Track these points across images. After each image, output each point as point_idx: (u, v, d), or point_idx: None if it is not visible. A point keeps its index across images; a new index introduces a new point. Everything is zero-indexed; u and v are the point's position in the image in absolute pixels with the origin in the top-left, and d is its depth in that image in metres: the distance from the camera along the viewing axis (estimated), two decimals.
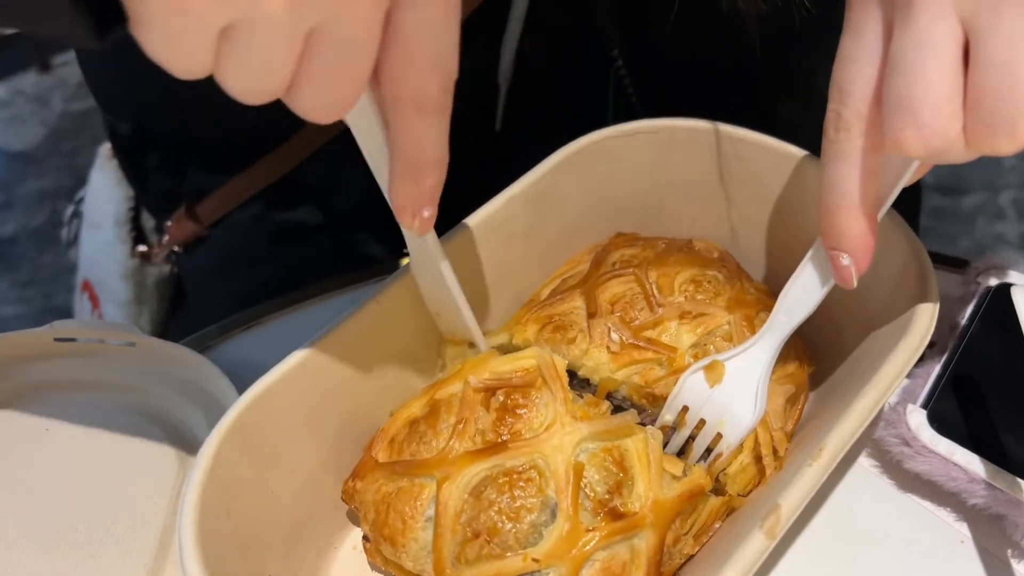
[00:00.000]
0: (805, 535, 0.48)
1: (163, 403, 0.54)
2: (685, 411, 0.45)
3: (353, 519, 0.48)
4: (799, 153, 0.51)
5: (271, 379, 0.42)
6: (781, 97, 0.72)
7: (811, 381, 0.51)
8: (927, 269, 0.46)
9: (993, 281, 0.53)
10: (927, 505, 0.49)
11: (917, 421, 0.48)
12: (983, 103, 0.33)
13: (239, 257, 0.77)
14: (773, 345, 0.45)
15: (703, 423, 0.45)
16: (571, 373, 0.48)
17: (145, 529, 0.47)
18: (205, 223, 0.76)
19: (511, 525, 0.40)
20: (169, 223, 0.77)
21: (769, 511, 0.38)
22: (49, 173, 2.20)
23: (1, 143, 2.33)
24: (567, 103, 0.75)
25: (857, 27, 0.38)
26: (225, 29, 0.29)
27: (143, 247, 0.80)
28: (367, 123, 0.37)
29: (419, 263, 0.46)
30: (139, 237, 0.81)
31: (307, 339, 0.44)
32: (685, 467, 0.43)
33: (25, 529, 0.47)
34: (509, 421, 0.42)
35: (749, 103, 0.70)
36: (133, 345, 0.55)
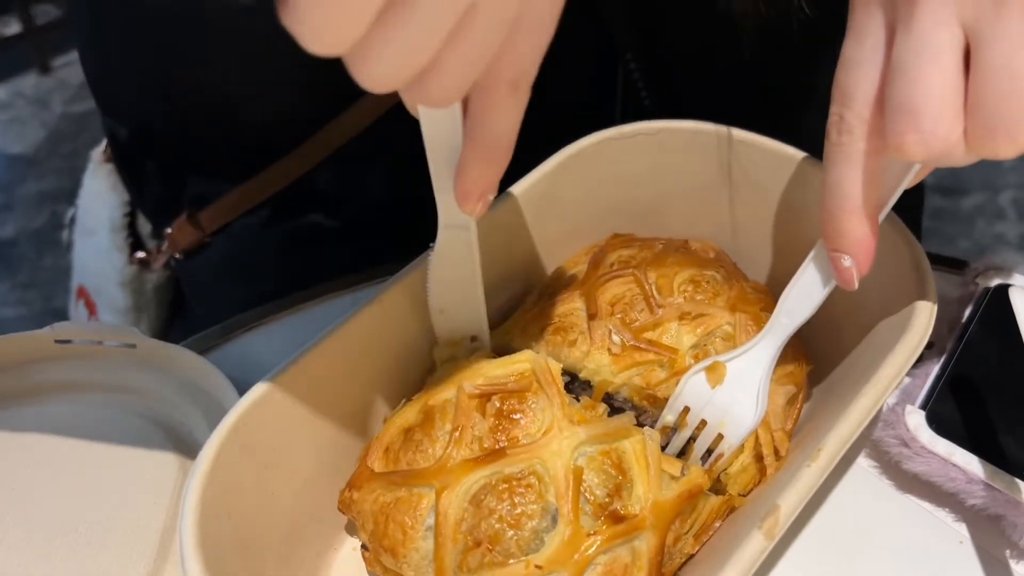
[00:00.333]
0: (804, 535, 0.48)
1: (163, 405, 0.54)
2: (686, 412, 0.45)
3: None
4: (798, 155, 0.51)
5: (272, 381, 0.42)
6: (793, 100, 0.72)
7: (809, 381, 0.51)
8: (925, 270, 0.46)
9: (992, 282, 0.53)
10: (926, 506, 0.49)
11: (916, 422, 0.48)
12: (984, 108, 0.34)
13: (243, 265, 0.77)
14: (774, 346, 0.45)
15: (704, 424, 0.45)
16: (572, 375, 0.48)
17: (145, 530, 0.47)
18: (208, 230, 0.74)
19: (512, 532, 0.39)
20: (169, 230, 0.76)
21: (768, 512, 0.38)
22: (49, 175, 2.20)
23: (1, 145, 2.33)
24: (578, 106, 0.75)
25: (859, 31, 0.38)
26: (386, 4, 0.28)
27: (141, 253, 0.79)
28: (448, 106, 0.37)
29: (448, 252, 0.45)
30: (136, 243, 0.80)
31: (308, 341, 0.44)
32: (683, 467, 0.43)
33: (25, 531, 0.47)
34: (506, 427, 0.42)
35: (761, 105, 0.70)
36: (133, 347, 0.55)
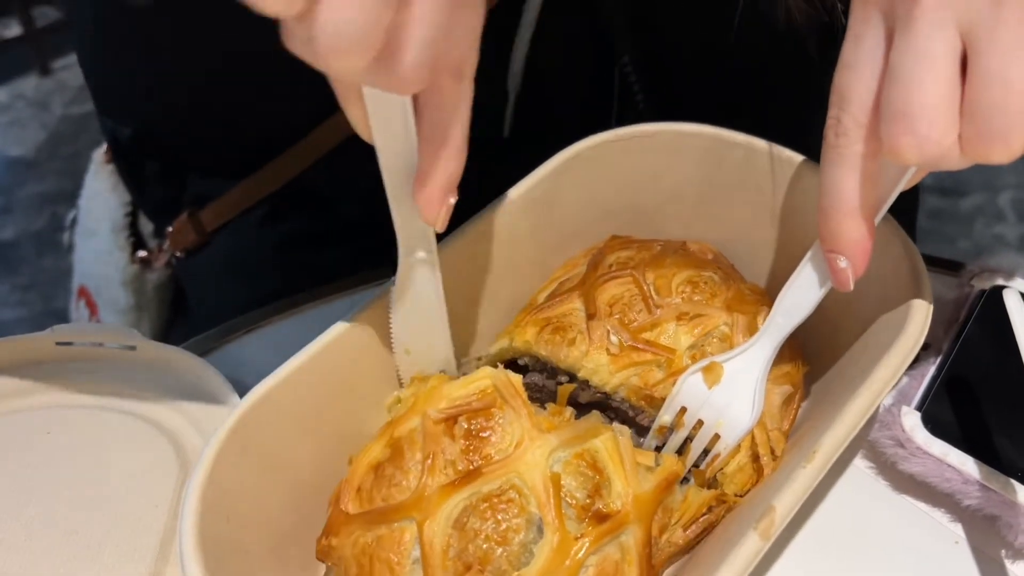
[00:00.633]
0: (800, 536, 0.48)
1: (163, 407, 0.54)
2: (683, 412, 0.46)
3: None
4: (796, 157, 0.51)
5: (271, 383, 0.43)
6: (789, 101, 0.73)
7: (806, 382, 0.51)
8: (921, 271, 0.46)
9: (987, 284, 0.53)
10: (921, 506, 0.49)
11: (911, 423, 0.48)
12: (979, 114, 0.34)
13: (242, 263, 0.77)
14: (770, 347, 0.46)
15: (701, 424, 0.46)
16: (571, 375, 0.49)
17: (145, 533, 0.47)
18: (208, 229, 0.75)
19: (501, 549, 0.39)
20: (170, 229, 0.77)
21: (764, 512, 0.38)
22: (49, 177, 2.20)
23: (1, 147, 2.33)
24: (575, 109, 0.75)
25: (858, 34, 0.38)
26: None
27: (142, 253, 0.80)
28: (397, 106, 0.36)
29: (410, 285, 0.44)
30: (137, 243, 0.81)
31: (306, 343, 0.44)
32: (656, 457, 0.43)
33: (26, 532, 0.47)
34: (477, 446, 0.41)
35: (757, 107, 0.71)
36: (133, 349, 0.56)
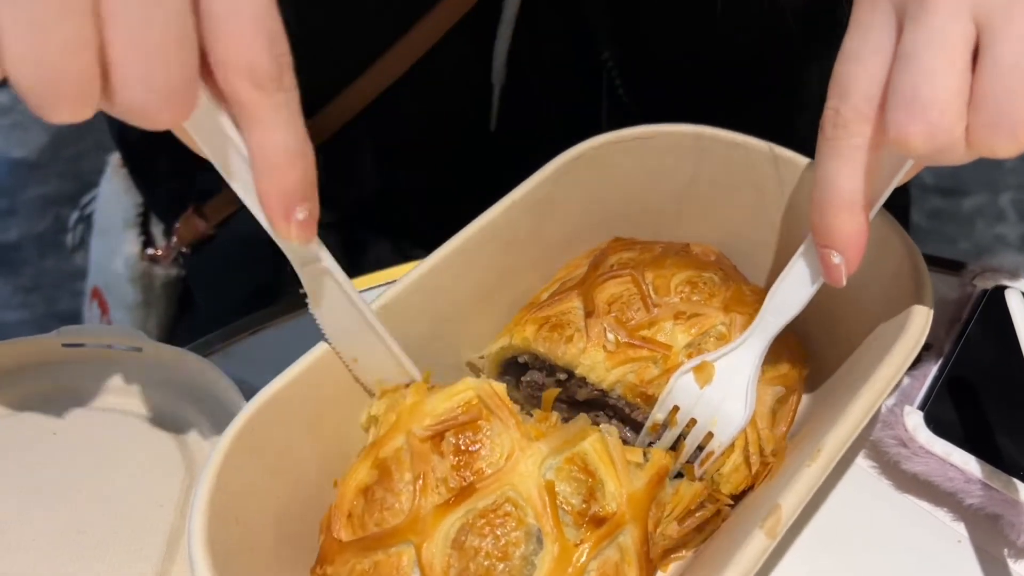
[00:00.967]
0: (805, 535, 0.48)
1: (170, 408, 0.54)
2: (676, 411, 0.46)
3: None
4: (796, 157, 0.51)
5: (278, 385, 0.42)
6: (769, 98, 0.73)
7: (808, 383, 0.51)
8: (922, 271, 0.46)
9: (989, 284, 0.53)
10: (924, 505, 0.49)
11: (914, 422, 0.48)
12: (988, 105, 0.34)
13: (245, 255, 0.77)
14: (762, 344, 0.46)
15: (694, 422, 0.46)
16: (568, 372, 0.49)
17: (152, 534, 0.48)
18: (212, 222, 0.76)
19: (503, 565, 0.39)
20: (177, 225, 0.77)
21: (769, 511, 0.38)
22: (52, 179, 2.20)
23: (4, 149, 2.33)
24: (561, 102, 0.76)
25: (864, 24, 0.38)
26: None
27: (151, 250, 0.80)
28: (213, 125, 0.34)
29: (318, 295, 0.41)
30: (148, 241, 0.81)
31: (312, 344, 0.44)
32: (644, 452, 0.43)
33: (33, 533, 0.47)
34: (468, 462, 0.41)
35: (736, 104, 0.71)
36: (140, 350, 0.56)
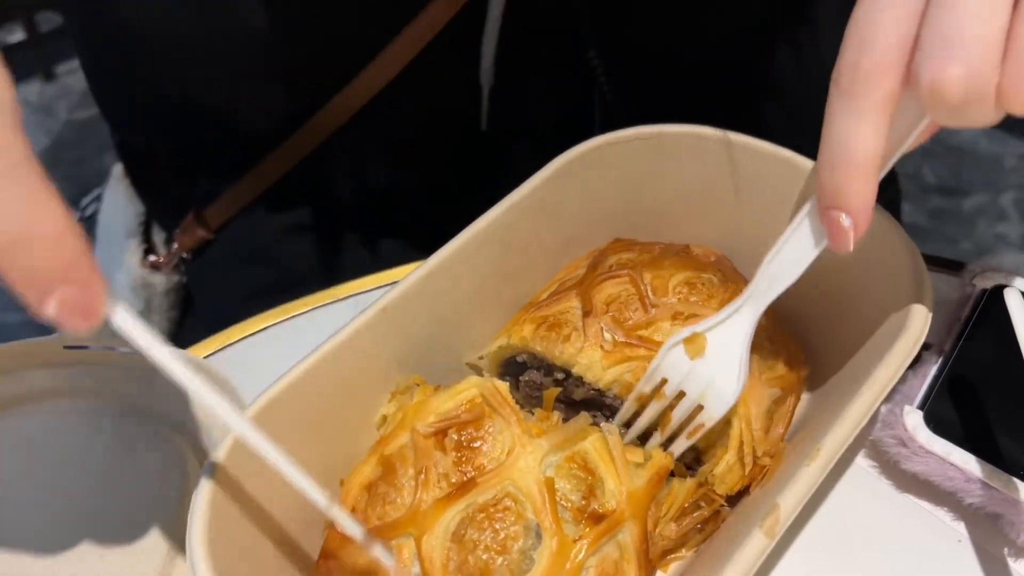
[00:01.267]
0: (805, 534, 0.48)
1: (169, 409, 0.54)
2: (664, 384, 0.45)
3: None
4: (796, 158, 0.51)
5: (279, 388, 0.43)
6: (750, 93, 0.73)
7: (807, 383, 0.51)
8: (922, 271, 0.46)
9: (989, 283, 0.54)
10: (925, 505, 0.49)
11: (914, 422, 0.48)
12: None
13: (245, 258, 0.79)
14: (755, 314, 0.44)
15: (683, 395, 0.45)
16: (566, 372, 0.49)
17: (153, 534, 0.48)
18: (212, 227, 0.77)
19: (501, 559, 0.39)
20: (178, 231, 0.78)
21: (768, 511, 0.38)
22: (54, 182, 2.21)
23: None
24: (551, 101, 0.77)
25: None
26: None
27: (153, 257, 0.81)
28: None
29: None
30: (149, 249, 0.82)
31: (313, 345, 0.45)
32: (645, 453, 0.44)
33: (35, 534, 0.47)
34: (469, 457, 0.42)
35: (722, 100, 0.72)
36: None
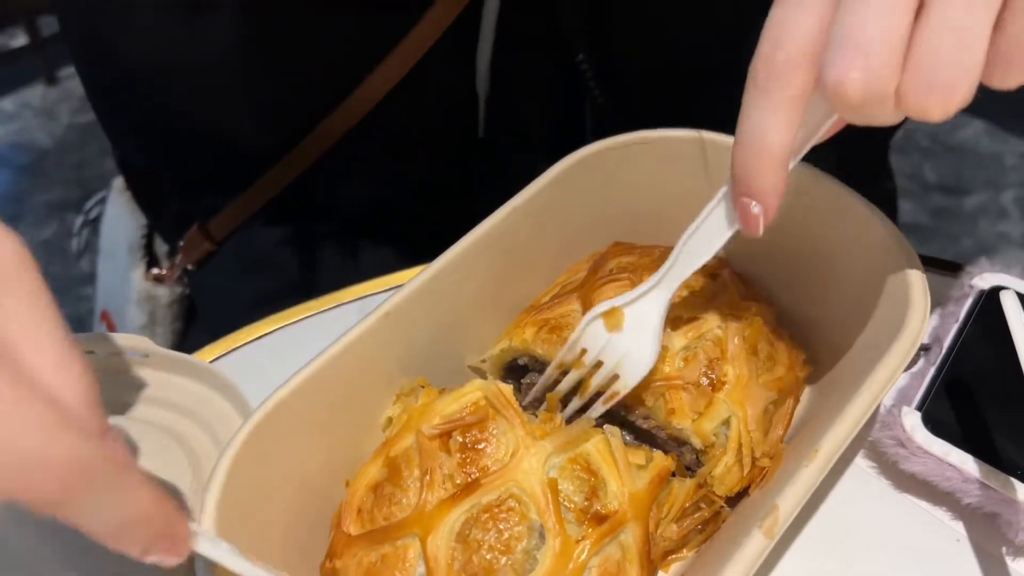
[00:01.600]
0: (804, 535, 0.49)
1: (176, 414, 0.55)
2: (583, 354, 0.47)
3: None
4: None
5: (285, 392, 0.43)
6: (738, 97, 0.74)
7: (806, 384, 0.52)
8: (918, 273, 0.46)
9: (986, 284, 0.54)
10: (923, 505, 0.50)
11: (912, 423, 0.48)
12: (925, 63, 0.33)
13: (247, 268, 0.79)
14: (670, 290, 0.45)
15: (600, 364, 0.46)
16: (566, 373, 0.49)
17: None
18: (217, 239, 0.77)
19: (505, 559, 0.40)
20: (181, 243, 0.79)
21: (767, 512, 0.39)
22: (56, 185, 2.21)
23: (8, 156, 2.35)
24: (546, 107, 0.78)
25: None
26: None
27: (156, 270, 0.82)
28: None
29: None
30: (152, 262, 0.83)
31: (318, 350, 0.45)
32: (647, 455, 0.44)
33: (41, 539, 0.48)
34: (474, 459, 0.42)
35: (712, 104, 0.72)
36: (147, 357, 0.56)
